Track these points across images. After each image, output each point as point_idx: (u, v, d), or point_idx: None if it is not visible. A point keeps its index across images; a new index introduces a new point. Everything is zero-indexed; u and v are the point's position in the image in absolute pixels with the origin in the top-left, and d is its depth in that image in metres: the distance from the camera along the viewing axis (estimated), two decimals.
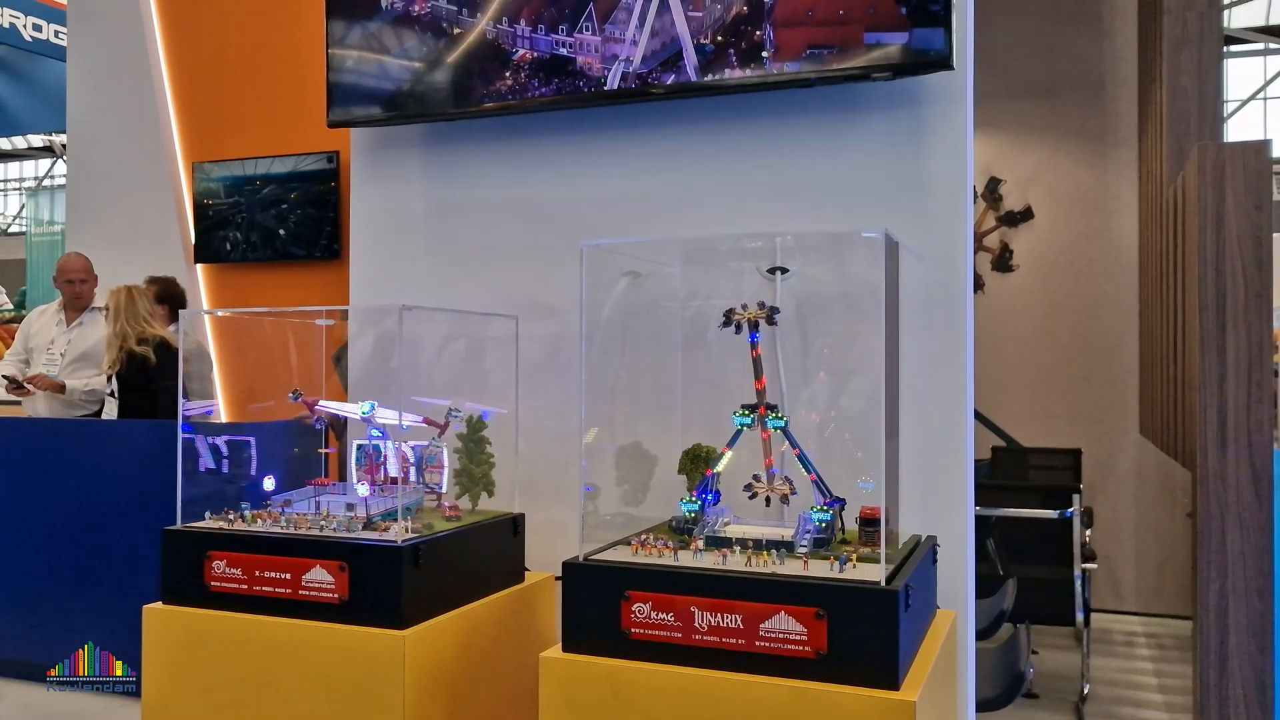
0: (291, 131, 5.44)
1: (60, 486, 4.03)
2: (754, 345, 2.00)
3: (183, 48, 5.89)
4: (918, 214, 2.33)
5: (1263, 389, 3.25)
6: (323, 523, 2.21)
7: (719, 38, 2.37)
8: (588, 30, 2.49)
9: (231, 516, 2.31)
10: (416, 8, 2.66)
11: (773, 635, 1.70)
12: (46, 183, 22.75)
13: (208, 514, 2.33)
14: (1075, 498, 4.16)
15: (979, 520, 4.07)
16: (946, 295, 2.32)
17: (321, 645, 2.08)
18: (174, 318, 4.74)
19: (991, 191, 6.55)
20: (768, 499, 2.00)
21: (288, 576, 2.12)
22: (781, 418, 1.97)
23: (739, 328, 2.00)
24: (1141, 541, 6.02)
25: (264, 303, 5.63)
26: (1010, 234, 6.49)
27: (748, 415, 1.98)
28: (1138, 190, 5.93)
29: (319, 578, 2.10)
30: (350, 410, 2.42)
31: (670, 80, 2.40)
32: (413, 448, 2.42)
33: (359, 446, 2.44)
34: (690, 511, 2.01)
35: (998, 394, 6.30)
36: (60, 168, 22.18)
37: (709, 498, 2.03)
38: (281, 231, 5.54)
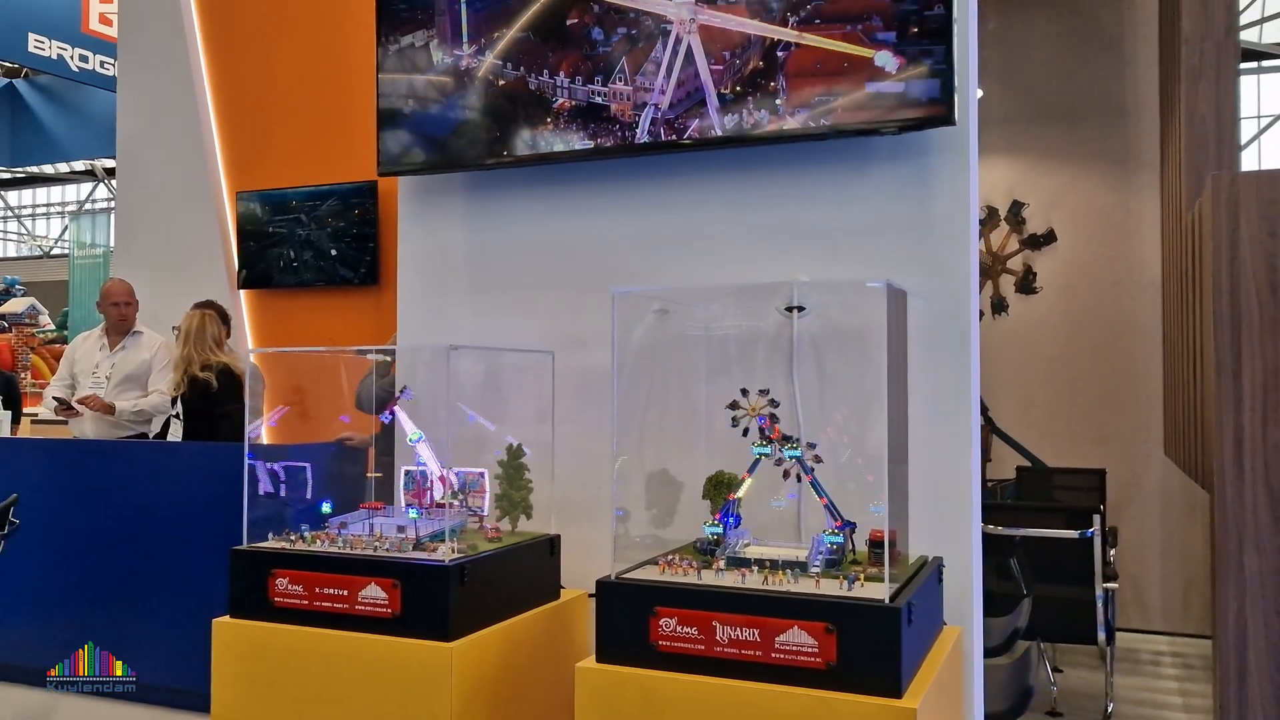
0: (331, 162, 5.64)
1: (121, 506, 4.20)
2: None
3: (227, 81, 6.11)
4: (925, 255, 2.49)
5: (1278, 413, 3.31)
6: (376, 544, 2.39)
7: (738, 88, 2.56)
8: (620, 81, 2.69)
9: (293, 537, 2.50)
10: (464, 63, 2.85)
11: (787, 648, 1.84)
12: (88, 206, 23.16)
13: (270, 535, 2.52)
14: (1096, 518, 4.24)
15: (1004, 540, 4.17)
16: (952, 330, 2.46)
17: (375, 656, 2.25)
18: None
19: (1014, 214, 6.60)
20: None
21: (345, 593, 2.30)
22: (797, 448, 2.13)
23: (735, 422, 2.16)
24: (1168, 561, 6.02)
25: (305, 325, 5.84)
26: (1033, 256, 6.54)
27: (766, 445, 2.15)
28: (1160, 213, 5.95)
29: (373, 594, 2.27)
30: (409, 427, 2.60)
31: (695, 125, 2.59)
32: (456, 474, 2.60)
33: (407, 472, 2.63)
34: (713, 534, 2.16)
35: (1022, 415, 6.34)
36: (102, 191, 22.64)
37: (730, 521, 2.19)
38: (326, 257, 5.73)
